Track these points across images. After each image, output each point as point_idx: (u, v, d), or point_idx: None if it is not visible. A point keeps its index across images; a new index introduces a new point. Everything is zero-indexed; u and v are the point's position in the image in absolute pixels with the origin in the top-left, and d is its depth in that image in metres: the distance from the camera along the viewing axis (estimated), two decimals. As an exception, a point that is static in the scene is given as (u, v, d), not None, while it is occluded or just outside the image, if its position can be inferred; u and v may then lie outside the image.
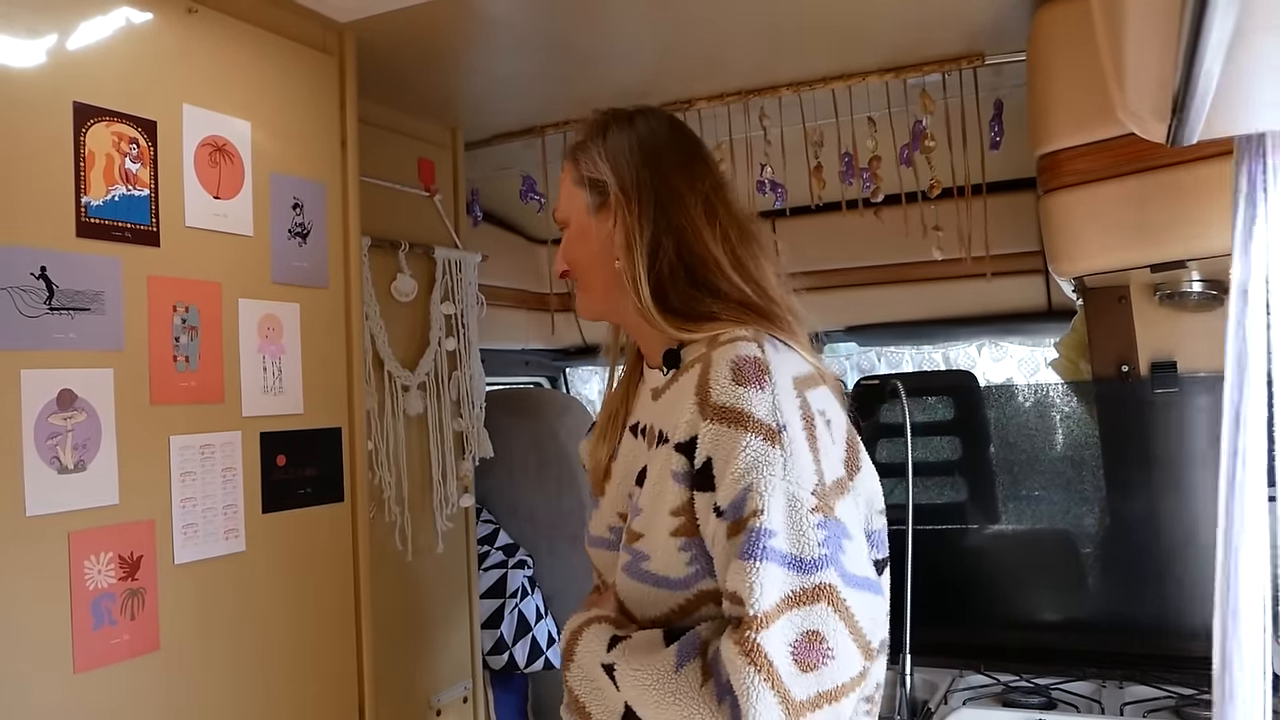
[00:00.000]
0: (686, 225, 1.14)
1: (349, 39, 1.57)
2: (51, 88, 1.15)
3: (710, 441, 0.99)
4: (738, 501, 0.96)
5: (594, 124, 1.24)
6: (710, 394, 1.01)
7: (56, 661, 1.12)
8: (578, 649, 1.07)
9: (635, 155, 1.18)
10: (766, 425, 0.98)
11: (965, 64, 1.78)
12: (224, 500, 1.34)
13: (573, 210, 1.23)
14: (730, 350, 1.04)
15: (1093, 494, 2.30)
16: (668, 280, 1.13)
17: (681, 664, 0.96)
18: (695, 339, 1.11)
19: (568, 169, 1.24)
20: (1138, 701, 1.94)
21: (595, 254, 1.20)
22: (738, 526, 0.95)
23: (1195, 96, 0.57)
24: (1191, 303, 1.89)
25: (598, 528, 1.23)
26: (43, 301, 1.12)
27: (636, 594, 1.08)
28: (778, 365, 1.03)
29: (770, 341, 1.07)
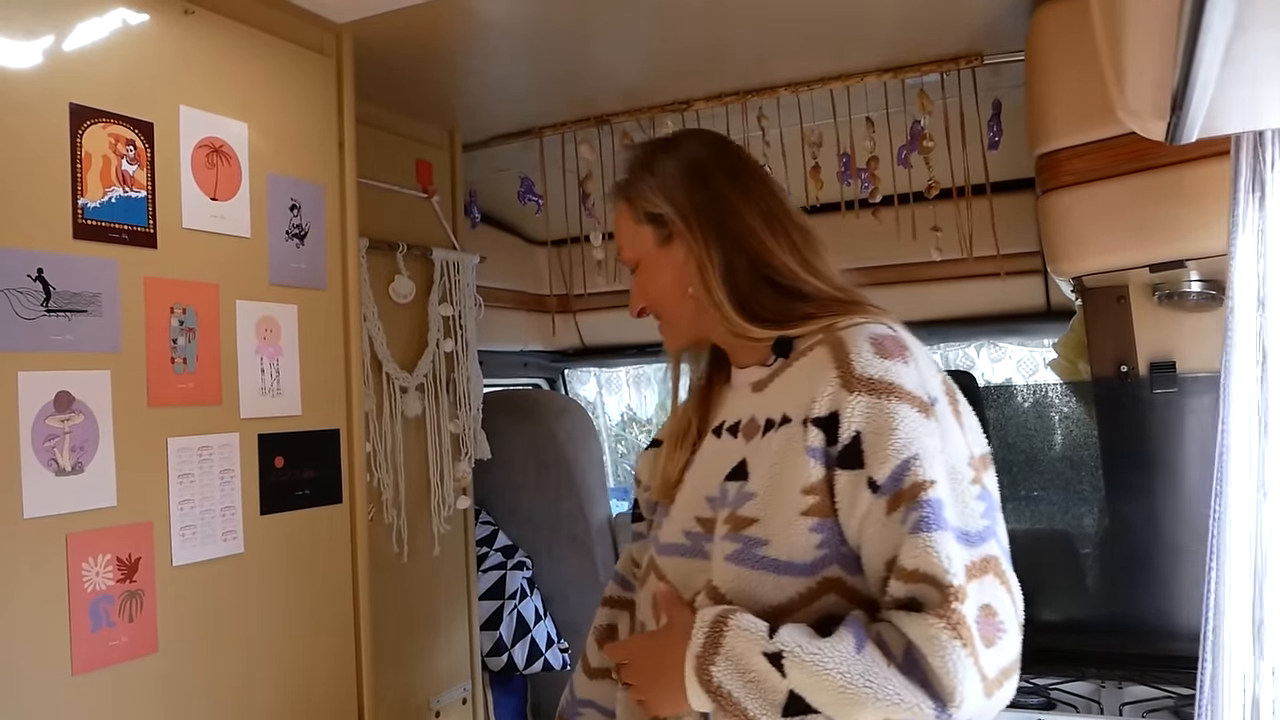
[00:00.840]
0: (751, 239, 1.14)
1: (346, 40, 1.57)
2: (48, 89, 1.15)
3: (861, 414, 0.97)
4: (897, 474, 0.94)
5: (636, 159, 1.23)
6: (854, 366, 0.99)
7: (55, 663, 1.12)
8: (726, 640, 0.97)
9: (685, 180, 1.18)
10: (919, 397, 0.97)
11: (964, 64, 1.78)
12: (222, 502, 1.34)
13: (639, 249, 1.22)
14: (863, 329, 1.03)
15: (1091, 494, 2.30)
16: (751, 295, 1.13)
17: (861, 645, 0.92)
18: (802, 332, 1.10)
19: (623, 210, 1.23)
20: (1137, 702, 1.93)
21: (671, 286, 1.19)
22: (900, 500, 0.94)
23: (1193, 94, 0.57)
24: (1190, 303, 1.88)
25: (670, 535, 1.17)
26: (40, 303, 1.12)
27: (749, 583, 1.02)
28: (912, 342, 1.04)
29: (888, 320, 1.08)
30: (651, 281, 1.21)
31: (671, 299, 1.20)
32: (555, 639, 2.37)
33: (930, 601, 0.91)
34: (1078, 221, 1.55)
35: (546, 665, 2.31)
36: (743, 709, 0.95)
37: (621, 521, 2.51)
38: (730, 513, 1.06)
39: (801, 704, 0.93)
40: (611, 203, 1.27)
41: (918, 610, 0.91)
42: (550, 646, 2.33)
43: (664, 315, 1.23)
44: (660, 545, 1.19)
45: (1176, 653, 2.05)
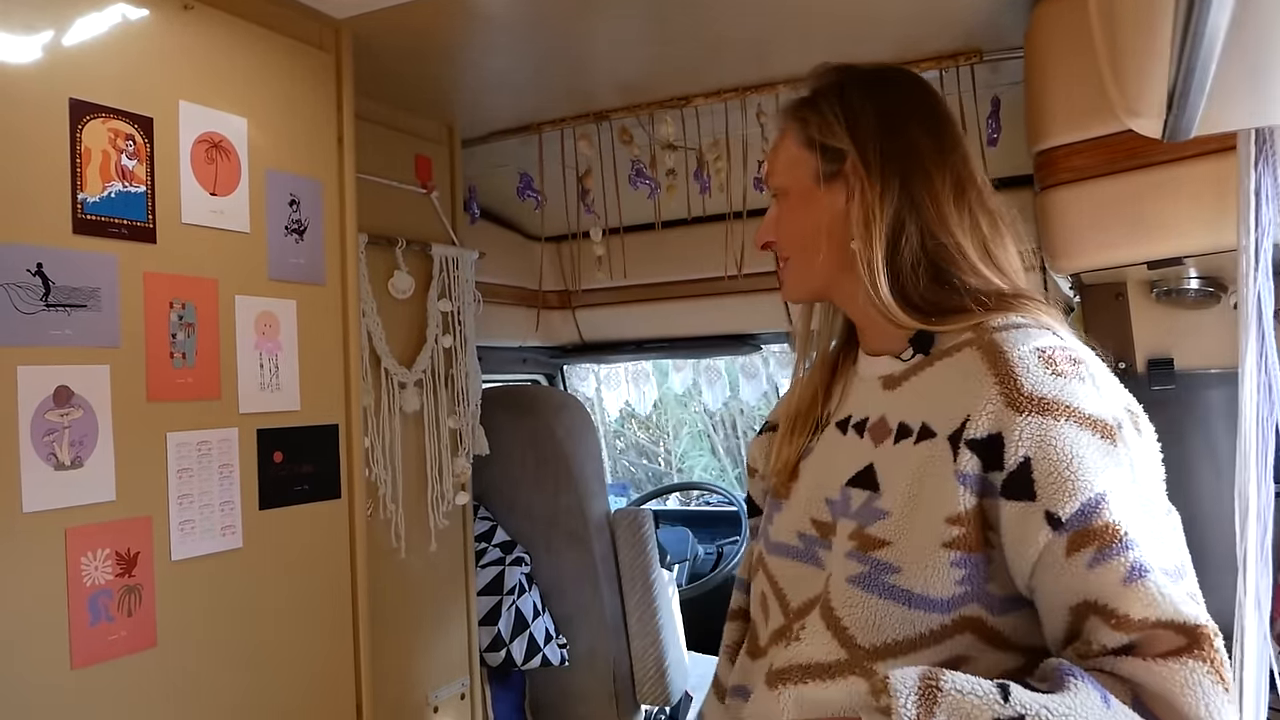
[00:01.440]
0: (933, 209, 0.99)
1: (345, 36, 1.57)
2: (47, 84, 1.15)
3: (1032, 438, 0.84)
4: (1085, 511, 0.82)
5: (827, 81, 1.08)
6: (1021, 383, 0.86)
7: (54, 657, 1.12)
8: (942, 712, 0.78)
9: (879, 120, 1.03)
10: (1103, 422, 0.86)
11: (962, 61, 1.78)
12: (221, 497, 1.34)
13: (795, 177, 1.06)
14: (1025, 335, 0.91)
15: (1089, 491, 2.30)
16: (909, 273, 0.99)
17: (1106, 698, 0.78)
18: (949, 329, 0.97)
19: (791, 129, 1.08)
20: (1134, 698, 1.94)
21: (821, 229, 1.04)
22: (1089, 539, 0.82)
23: (1190, 92, 0.58)
24: (1189, 300, 1.88)
25: (783, 533, 1.06)
26: (39, 298, 1.12)
27: (874, 612, 0.91)
28: (1086, 353, 0.92)
29: (1055, 327, 0.94)
30: (795, 217, 1.07)
31: (811, 243, 1.06)
32: (553, 634, 2.37)
33: (1173, 645, 0.79)
34: (1076, 218, 1.55)
35: (545, 661, 2.31)
36: None
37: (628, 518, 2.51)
38: (857, 528, 0.95)
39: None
40: (780, 118, 1.11)
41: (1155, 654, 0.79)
42: (549, 642, 2.34)
43: (795, 258, 1.08)
44: (770, 543, 1.09)
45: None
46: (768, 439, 1.18)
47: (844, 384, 1.10)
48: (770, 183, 1.11)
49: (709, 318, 2.73)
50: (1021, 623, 0.90)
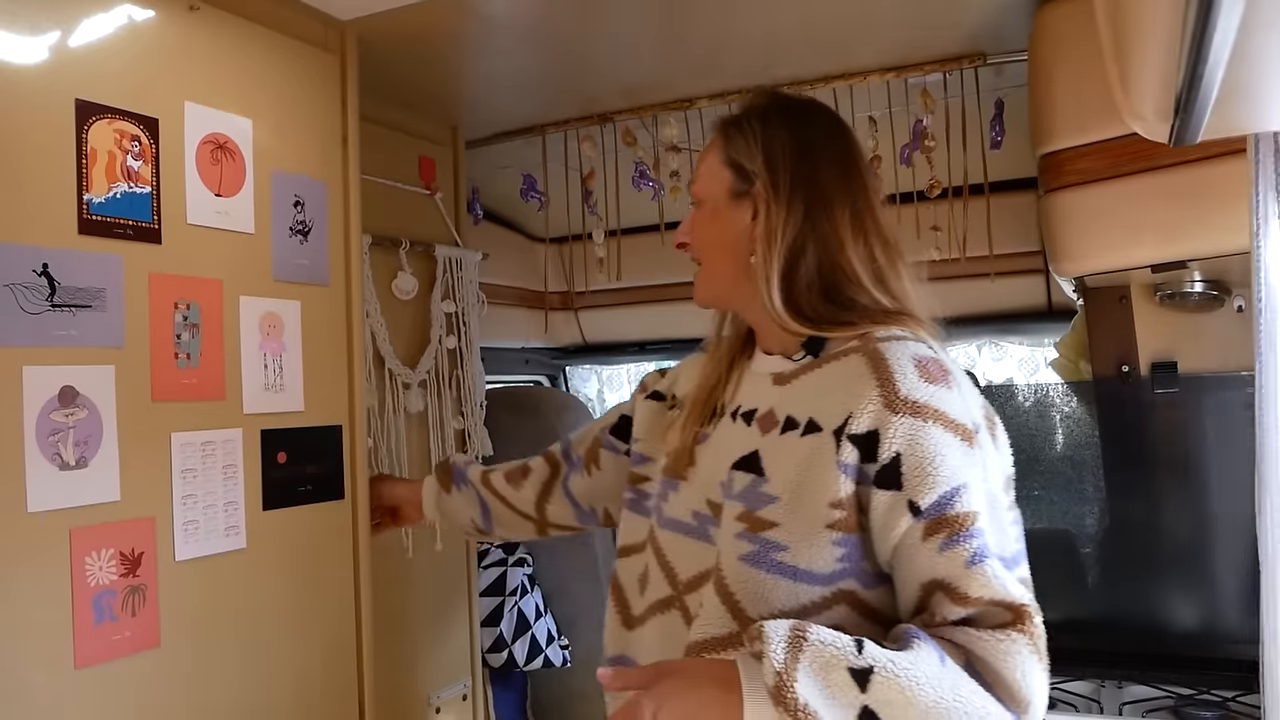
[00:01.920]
0: (831, 235, 1.11)
1: (350, 37, 1.57)
2: (53, 85, 1.15)
3: (904, 437, 0.97)
4: (942, 502, 0.95)
5: (755, 106, 1.19)
6: (898, 388, 0.99)
7: (57, 657, 1.13)
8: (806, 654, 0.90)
9: (791, 150, 1.14)
10: (963, 425, 0.99)
11: (966, 64, 1.78)
12: (225, 497, 1.34)
13: (711, 190, 1.18)
14: (904, 347, 1.03)
15: (1093, 494, 2.30)
16: (802, 290, 1.10)
17: (942, 658, 0.91)
18: (837, 335, 1.09)
19: (716, 144, 1.19)
20: (1136, 701, 1.94)
21: (728, 241, 1.16)
22: (942, 527, 0.95)
23: (1199, 96, 0.57)
24: (1192, 303, 1.88)
25: (678, 511, 1.16)
26: (44, 298, 1.12)
27: (760, 586, 1.01)
28: (954, 366, 1.04)
29: (928, 340, 1.08)
30: (707, 227, 1.19)
31: (719, 253, 1.18)
32: (555, 636, 2.37)
33: (1001, 620, 0.94)
34: (1080, 222, 1.55)
35: (547, 662, 2.31)
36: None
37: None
38: (745, 510, 1.05)
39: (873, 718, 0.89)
40: (712, 130, 1.23)
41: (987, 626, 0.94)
42: (550, 643, 2.33)
43: (704, 264, 1.20)
44: (664, 519, 1.18)
45: (1177, 653, 2.05)
46: (657, 410, 1.31)
47: (738, 377, 1.21)
48: (692, 189, 1.22)
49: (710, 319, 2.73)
50: (889, 597, 1.03)
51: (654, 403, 1.32)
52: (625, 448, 1.36)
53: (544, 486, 1.48)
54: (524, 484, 1.49)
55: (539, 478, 1.48)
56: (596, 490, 1.44)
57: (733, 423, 1.15)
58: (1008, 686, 0.91)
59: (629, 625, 1.19)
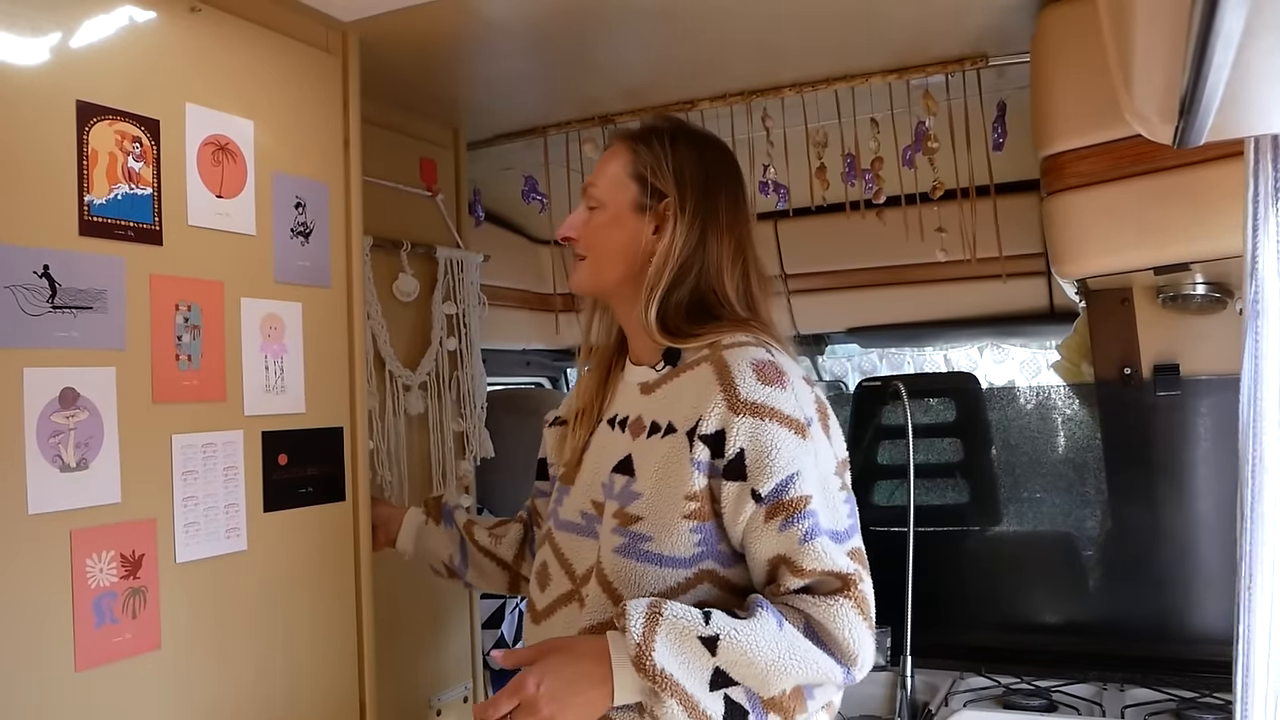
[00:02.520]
0: (715, 260, 1.24)
1: (352, 39, 1.57)
2: (54, 86, 1.15)
3: (746, 435, 1.11)
4: (779, 488, 1.10)
5: (662, 128, 1.30)
6: (739, 391, 1.12)
7: (58, 659, 1.12)
8: (662, 627, 1.06)
9: (698, 179, 1.26)
10: (796, 420, 1.13)
11: (969, 65, 1.77)
12: (225, 499, 1.34)
13: (615, 198, 1.28)
14: (745, 353, 1.16)
15: (1094, 496, 2.30)
16: (673, 305, 1.23)
17: (780, 623, 1.07)
18: (690, 346, 1.22)
19: (622, 154, 1.29)
20: (1139, 704, 1.94)
21: (623, 248, 1.27)
22: (780, 510, 1.10)
23: (1203, 98, 0.57)
24: (1194, 305, 1.88)
25: (568, 513, 1.30)
26: (45, 300, 1.12)
27: (632, 573, 1.15)
28: (789, 367, 1.17)
29: (770, 345, 1.21)
30: (604, 231, 1.28)
31: (612, 256, 1.27)
32: (557, 638, 2.37)
33: (833, 587, 1.10)
34: (1082, 224, 1.55)
35: (548, 664, 2.30)
36: (682, 687, 1.05)
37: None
38: (619, 507, 1.19)
39: (725, 678, 1.06)
40: (614, 139, 1.33)
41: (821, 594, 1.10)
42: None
43: (592, 260, 1.30)
44: (559, 521, 1.32)
45: (1179, 656, 2.05)
46: (559, 433, 1.42)
47: (614, 388, 1.35)
48: (591, 191, 1.31)
49: None
50: (745, 572, 1.18)
51: (557, 428, 1.44)
52: (548, 488, 1.46)
53: (520, 546, 1.57)
54: (503, 542, 1.57)
55: (515, 538, 1.57)
56: None
57: (610, 430, 1.28)
58: (838, 644, 1.08)
59: (536, 620, 1.31)
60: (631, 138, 1.30)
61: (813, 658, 1.07)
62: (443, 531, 1.60)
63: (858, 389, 2.60)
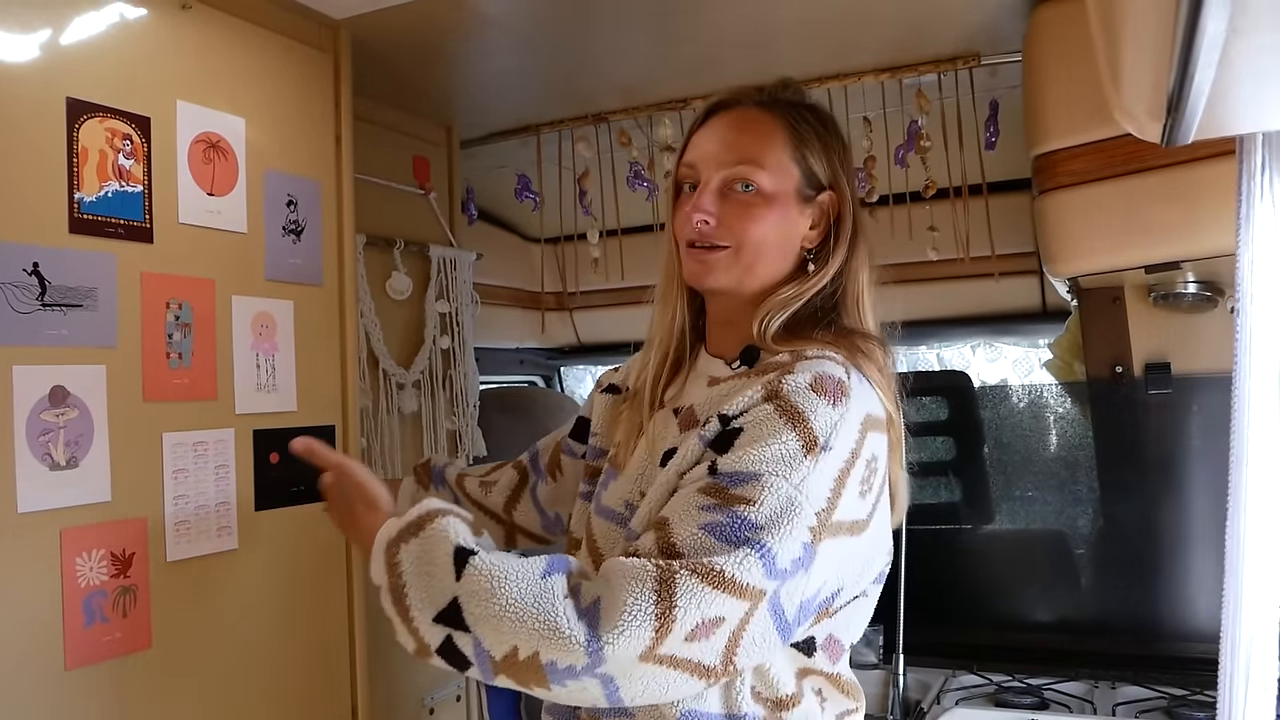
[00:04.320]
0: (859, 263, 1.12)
1: (344, 36, 1.57)
2: (44, 83, 1.15)
3: (755, 418, 0.96)
4: (739, 476, 0.93)
5: (817, 111, 1.13)
6: (782, 387, 0.97)
7: (47, 658, 1.12)
8: (432, 526, 0.97)
9: (849, 164, 1.12)
10: (815, 437, 0.94)
11: (961, 64, 1.78)
12: (216, 498, 1.34)
13: (782, 185, 1.09)
14: (818, 364, 1.00)
15: (1086, 495, 2.31)
16: (808, 311, 1.09)
17: (550, 572, 0.92)
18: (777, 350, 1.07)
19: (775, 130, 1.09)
20: (1130, 702, 1.94)
21: (784, 243, 1.10)
22: (718, 492, 0.93)
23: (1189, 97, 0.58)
24: (1186, 304, 1.89)
25: (613, 500, 1.14)
26: (35, 298, 1.12)
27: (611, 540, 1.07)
28: (857, 395, 0.99)
29: (857, 373, 1.03)
30: (769, 222, 1.08)
31: (772, 253, 1.09)
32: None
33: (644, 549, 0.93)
34: (1074, 222, 1.55)
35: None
36: (404, 594, 0.96)
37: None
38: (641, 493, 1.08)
39: (457, 615, 0.92)
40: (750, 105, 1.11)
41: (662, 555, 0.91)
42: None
43: (742, 256, 1.09)
44: (600, 506, 1.16)
45: (1170, 653, 2.06)
46: (609, 402, 1.28)
47: (685, 375, 1.18)
48: (750, 174, 1.08)
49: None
50: None
51: (609, 396, 1.30)
52: (582, 450, 1.33)
53: (513, 491, 1.46)
54: (494, 489, 1.48)
55: (508, 483, 1.47)
56: (560, 497, 1.43)
57: (670, 417, 1.13)
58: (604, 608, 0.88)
59: None
60: (789, 107, 1.11)
61: (546, 616, 0.88)
62: (435, 495, 1.51)
63: (851, 387, 2.60)
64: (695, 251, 1.10)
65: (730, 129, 1.11)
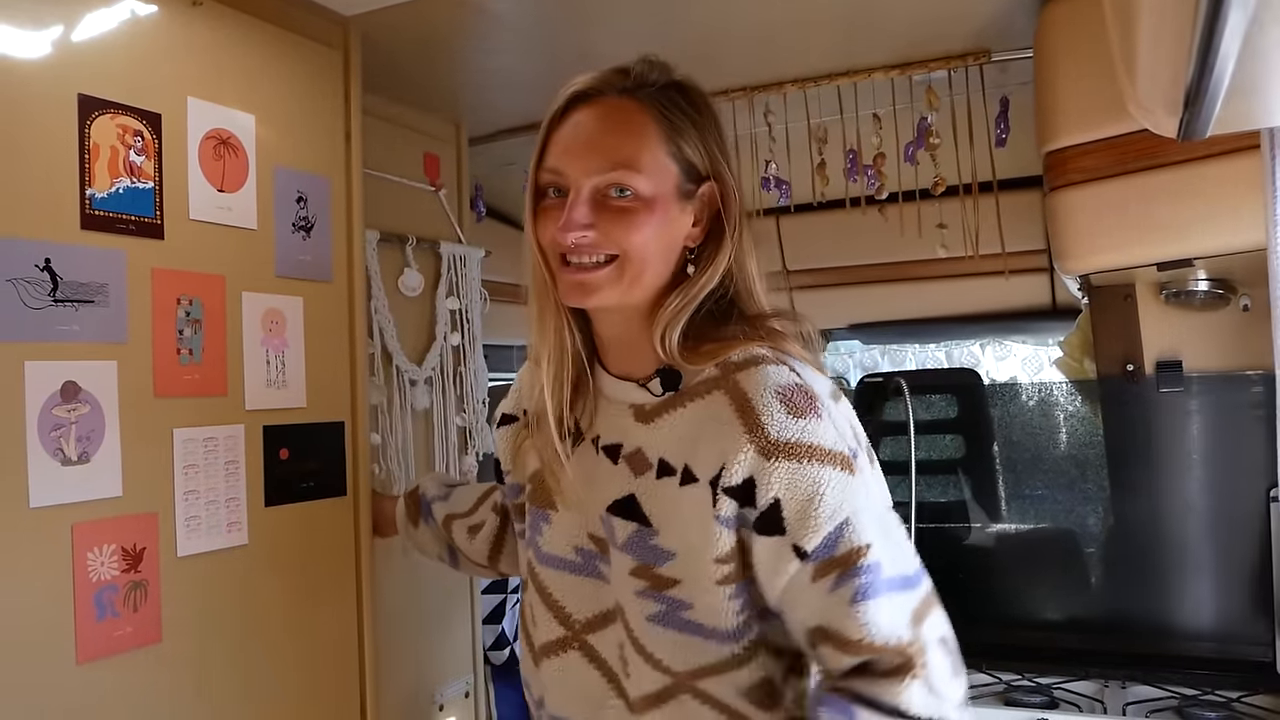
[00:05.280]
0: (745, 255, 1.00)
1: (353, 32, 1.57)
2: (56, 79, 1.15)
3: (782, 481, 0.90)
4: (830, 541, 0.90)
5: (687, 92, 1.02)
6: (768, 432, 0.90)
7: (59, 652, 1.12)
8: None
9: (724, 153, 1.00)
10: (840, 455, 0.91)
11: (971, 60, 1.77)
12: (227, 493, 1.34)
13: (660, 185, 0.97)
14: (764, 377, 0.93)
15: (1096, 493, 2.30)
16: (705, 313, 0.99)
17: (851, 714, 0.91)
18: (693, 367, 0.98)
19: (647, 121, 0.98)
20: (1140, 701, 1.93)
21: (665, 248, 0.99)
22: (833, 566, 0.90)
23: (1209, 90, 0.57)
24: (1197, 301, 1.88)
25: (556, 547, 1.07)
26: (47, 293, 1.12)
27: (681, 647, 0.99)
28: (816, 384, 0.94)
29: (790, 360, 0.96)
30: (655, 230, 0.97)
31: (655, 262, 0.98)
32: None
33: (893, 663, 0.91)
34: (1085, 219, 1.55)
35: (549, 660, 2.31)
36: None
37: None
38: (641, 566, 0.98)
39: None
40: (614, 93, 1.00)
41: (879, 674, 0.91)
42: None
43: (625, 268, 0.98)
44: (542, 554, 1.09)
45: (1181, 653, 2.05)
46: (512, 433, 1.19)
47: (587, 400, 1.08)
48: (625, 179, 0.96)
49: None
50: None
51: (506, 428, 1.21)
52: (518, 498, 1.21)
53: (495, 540, 1.37)
54: (477, 537, 1.39)
55: (490, 532, 1.38)
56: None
57: (597, 455, 1.04)
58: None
59: (534, 661, 1.15)
60: (656, 95, 0.99)
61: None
62: (426, 531, 1.48)
63: (859, 385, 2.60)
64: (570, 270, 1.00)
65: (597, 127, 0.98)
